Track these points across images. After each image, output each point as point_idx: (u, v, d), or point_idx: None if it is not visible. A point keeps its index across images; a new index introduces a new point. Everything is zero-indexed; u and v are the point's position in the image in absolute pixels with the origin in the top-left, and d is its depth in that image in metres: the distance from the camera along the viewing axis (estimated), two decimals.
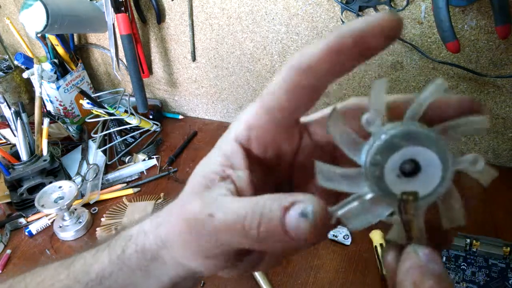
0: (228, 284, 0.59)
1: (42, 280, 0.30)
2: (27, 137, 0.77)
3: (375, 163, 0.19)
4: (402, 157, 0.19)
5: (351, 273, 0.59)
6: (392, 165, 0.19)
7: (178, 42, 0.89)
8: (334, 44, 0.19)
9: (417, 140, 0.19)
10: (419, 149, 0.19)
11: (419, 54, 0.67)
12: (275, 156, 0.24)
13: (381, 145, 0.19)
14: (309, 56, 0.19)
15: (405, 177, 0.19)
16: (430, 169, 0.19)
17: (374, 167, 0.19)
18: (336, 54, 0.19)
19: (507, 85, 0.65)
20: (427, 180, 0.19)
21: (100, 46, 1.01)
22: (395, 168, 0.19)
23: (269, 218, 0.19)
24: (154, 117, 0.97)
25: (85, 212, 0.74)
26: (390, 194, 0.19)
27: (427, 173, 0.19)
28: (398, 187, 0.19)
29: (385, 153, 0.19)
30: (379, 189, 0.19)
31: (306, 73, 0.20)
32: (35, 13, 0.75)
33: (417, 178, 0.19)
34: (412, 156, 0.19)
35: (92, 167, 0.84)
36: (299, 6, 0.72)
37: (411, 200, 0.19)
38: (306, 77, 0.20)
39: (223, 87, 0.92)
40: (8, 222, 0.74)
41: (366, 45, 0.18)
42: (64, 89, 0.95)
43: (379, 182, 0.19)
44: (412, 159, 0.19)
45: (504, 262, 0.56)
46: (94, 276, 0.28)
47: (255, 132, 0.23)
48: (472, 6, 0.60)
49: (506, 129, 0.70)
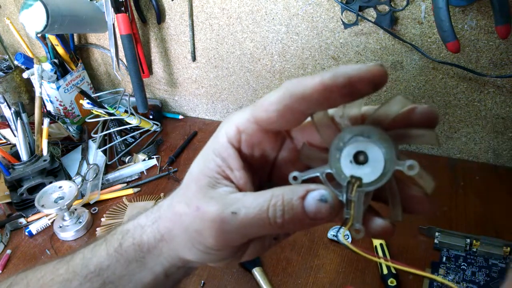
0: (228, 284, 0.59)
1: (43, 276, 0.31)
2: (27, 137, 0.77)
3: (337, 148, 0.24)
4: (356, 148, 0.24)
5: (351, 273, 0.59)
6: (348, 152, 0.24)
7: (178, 42, 0.89)
8: (327, 82, 0.22)
9: (370, 137, 0.24)
10: (370, 145, 0.24)
11: (419, 54, 0.67)
12: (260, 156, 0.28)
13: (344, 135, 0.24)
14: (305, 86, 0.23)
15: (356, 164, 0.24)
16: (375, 163, 0.24)
17: (336, 150, 0.24)
18: (327, 90, 0.22)
19: (507, 85, 0.65)
20: (371, 172, 0.24)
21: (100, 46, 1.01)
22: (350, 154, 0.24)
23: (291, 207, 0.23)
24: (154, 117, 0.97)
25: (85, 212, 0.74)
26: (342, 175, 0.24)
27: (372, 165, 0.24)
28: (349, 171, 0.24)
29: (344, 142, 0.24)
30: (335, 169, 0.25)
31: (299, 100, 0.23)
32: (35, 13, 0.75)
33: (364, 168, 0.24)
34: (364, 149, 0.24)
35: (92, 167, 0.84)
36: (299, 6, 0.72)
37: (354, 183, 0.24)
38: (298, 104, 0.23)
39: (223, 87, 0.92)
40: (8, 222, 0.74)
41: (354, 88, 0.22)
42: (64, 89, 0.96)
43: (337, 163, 0.25)
44: (363, 151, 0.24)
45: (504, 262, 0.56)
46: (93, 268, 0.29)
47: (244, 135, 0.26)
48: (472, 6, 0.60)
49: (506, 129, 0.70)
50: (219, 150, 0.26)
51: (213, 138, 0.27)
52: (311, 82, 0.22)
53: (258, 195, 0.24)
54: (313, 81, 0.22)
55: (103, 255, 0.30)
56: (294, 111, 0.24)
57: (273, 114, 0.24)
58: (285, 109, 0.24)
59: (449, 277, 0.55)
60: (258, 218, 0.24)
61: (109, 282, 0.29)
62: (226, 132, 0.26)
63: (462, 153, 0.76)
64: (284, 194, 0.24)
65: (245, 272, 0.60)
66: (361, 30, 0.69)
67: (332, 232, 0.63)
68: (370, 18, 0.67)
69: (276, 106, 0.24)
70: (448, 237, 0.59)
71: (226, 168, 0.26)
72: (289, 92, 0.23)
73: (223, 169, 0.26)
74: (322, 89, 0.22)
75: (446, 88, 0.70)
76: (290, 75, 0.82)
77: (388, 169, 0.23)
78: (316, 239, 0.64)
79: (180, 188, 0.28)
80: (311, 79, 0.22)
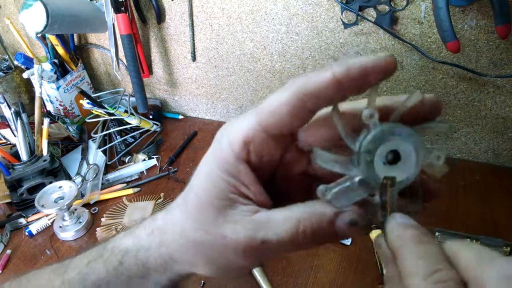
0: (228, 284, 0.59)
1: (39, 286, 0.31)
2: (27, 137, 0.77)
3: (368, 151, 0.23)
4: (388, 148, 0.23)
5: (351, 273, 0.59)
6: (380, 153, 0.23)
7: (178, 42, 0.89)
8: (340, 75, 0.21)
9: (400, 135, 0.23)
10: (401, 143, 0.23)
11: (419, 54, 0.67)
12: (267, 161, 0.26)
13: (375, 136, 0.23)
14: (316, 83, 0.21)
15: (388, 164, 0.24)
16: (407, 159, 0.23)
17: (366, 153, 0.23)
18: (340, 84, 0.21)
19: (507, 85, 0.65)
20: (404, 169, 0.24)
21: (100, 46, 1.01)
22: (382, 156, 0.23)
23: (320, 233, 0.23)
24: (154, 117, 0.97)
25: (85, 212, 0.74)
26: (375, 177, 0.23)
27: (405, 163, 0.24)
28: (382, 172, 0.23)
29: (376, 143, 0.23)
30: (368, 173, 0.23)
31: (312, 98, 0.22)
32: (35, 13, 0.75)
33: (397, 166, 0.24)
34: (395, 148, 0.23)
35: (92, 167, 0.84)
36: (299, 6, 0.72)
37: (389, 183, 0.23)
38: (311, 102, 0.22)
39: (223, 87, 0.92)
40: (8, 222, 0.74)
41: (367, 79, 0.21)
42: (64, 89, 0.95)
43: (369, 166, 0.23)
44: (396, 150, 0.23)
45: None
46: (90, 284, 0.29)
47: (253, 146, 0.24)
48: (472, 6, 0.60)
49: (506, 129, 0.70)
50: (227, 168, 0.24)
51: (216, 151, 0.24)
52: (323, 77, 0.21)
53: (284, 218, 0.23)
54: (324, 76, 0.21)
55: (101, 272, 0.29)
56: (308, 111, 0.22)
57: (285, 117, 0.22)
58: (298, 110, 0.22)
59: None
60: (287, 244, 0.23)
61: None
62: (231, 145, 0.24)
63: (462, 153, 0.76)
64: (313, 219, 0.23)
65: None
66: (361, 30, 0.69)
67: None
68: (370, 18, 0.67)
69: (287, 108, 0.22)
70: (448, 237, 0.59)
71: (239, 185, 0.24)
72: (300, 91, 0.22)
73: (236, 188, 0.24)
74: (335, 83, 0.21)
75: (446, 88, 0.70)
76: (290, 75, 0.82)
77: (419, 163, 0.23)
78: None
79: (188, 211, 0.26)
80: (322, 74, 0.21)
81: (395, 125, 0.23)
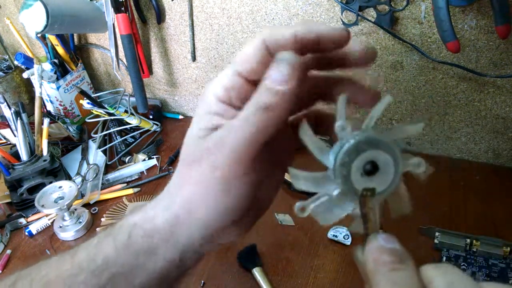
0: (228, 284, 0.59)
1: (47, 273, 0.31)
2: (27, 137, 0.77)
3: (343, 163, 0.23)
4: (365, 159, 0.23)
5: (351, 273, 0.59)
6: (357, 165, 0.23)
7: (178, 42, 0.89)
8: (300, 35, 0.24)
9: (377, 145, 0.23)
10: (378, 153, 0.23)
11: (419, 54, 0.67)
12: None
13: (349, 148, 0.22)
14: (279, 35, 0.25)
15: (366, 175, 0.23)
16: (386, 169, 0.23)
17: (342, 166, 0.23)
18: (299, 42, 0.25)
19: (507, 85, 0.65)
20: (383, 179, 0.23)
21: (100, 46, 1.01)
22: (359, 167, 0.23)
23: None
24: (154, 117, 0.97)
25: (85, 212, 0.74)
26: (353, 190, 0.23)
27: (384, 172, 0.23)
28: (360, 184, 0.23)
29: (352, 155, 0.23)
30: (345, 186, 0.23)
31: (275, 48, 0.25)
32: (35, 13, 0.75)
33: (375, 177, 0.23)
34: (373, 158, 0.23)
35: (92, 167, 0.84)
36: (299, 6, 0.72)
37: (369, 195, 0.23)
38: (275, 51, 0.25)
39: None
40: (8, 222, 0.74)
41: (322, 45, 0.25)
42: (64, 89, 0.95)
43: (345, 179, 0.23)
44: (372, 161, 0.23)
45: (504, 262, 0.56)
46: (100, 262, 0.29)
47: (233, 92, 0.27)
48: (472, 6, 0.60)
49: (506, 129, 0.70)
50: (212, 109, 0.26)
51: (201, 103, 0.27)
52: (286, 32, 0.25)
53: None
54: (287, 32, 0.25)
55: (110, 249, 0.29)
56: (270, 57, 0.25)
57: (255, 64, 0.25)
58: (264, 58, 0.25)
59: None
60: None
61: (118, 274, 0.28)
62: (214, 93, 0.27)
63: (462, 153, 0.76)
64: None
65: (245, 272, 0.60)
66: (361, 30, 0.69)
67: (332, 232, 0.63)
68: (370, 18, 0.67)
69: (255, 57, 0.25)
70: (448, 237, 0.59)
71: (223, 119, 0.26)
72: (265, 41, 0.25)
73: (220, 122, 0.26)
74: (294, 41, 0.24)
75: (446, 88, 0.70)
76: None
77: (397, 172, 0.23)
78: (316, 239, 0.64)
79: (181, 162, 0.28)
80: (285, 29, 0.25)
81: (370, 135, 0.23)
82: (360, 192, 0.23)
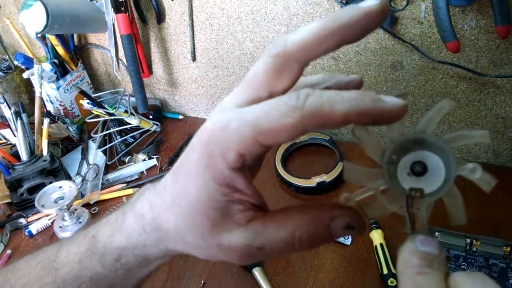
0: (228, 284, 0.59)
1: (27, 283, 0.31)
2: (27, 137, 0.77)
3: (391, 162, 0.23)
4: (412, 159, 0.22)
5: (351, 273, 0.59)
6: (404, 164, 0.23)
7: (178, 42, 0.89)
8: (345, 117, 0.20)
9: (426, 146, 0.22)
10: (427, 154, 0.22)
11: (419, 54, 0.67)
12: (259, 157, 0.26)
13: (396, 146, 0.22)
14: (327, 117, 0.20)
15: (414, 176, 0.23)
16: (435, 171, 0.22)
17: (389, 164, 0.23)
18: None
19: (507, 85, 0.65)
20: (432, 181, 0.22)
21: (100, 46, 1.01)
22: (406, 167, 0.23)
23: (317, 238, 0.23)
24: (154, 117, 0.97)
25: (85, 212, 0.74)
26: (400, 189, 0.23)
27: (433, 174, 0.22)
28: (407, 183, 0.23)
29: (399, 154, 0.22)
30: (391, 184, 0.23)
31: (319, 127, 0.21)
32: (35, 13, 0.75)
33: (424, 178, 0.22)
34: (421, 159, 0.22)
35: (92, 167, 0.84)
36: (299, 6, 0.72)
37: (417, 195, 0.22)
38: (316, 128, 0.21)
39: (223, 87, 0.92)
40: (8, 222, 0.74)
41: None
42: (64, 89, 0.95)
43: (392, 177, 0.23)
44: (421, 161, 0.22)
45: (504, 262, 0.56)
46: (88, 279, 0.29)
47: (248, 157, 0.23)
48: (472, 6, 0.60)
49: (506, 129, 0.70)
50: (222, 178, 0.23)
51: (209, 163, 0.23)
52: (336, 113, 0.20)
53: (279, 226, 0.24)
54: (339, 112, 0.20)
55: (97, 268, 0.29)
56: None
57: (286, 138, 0.21)
58: (300, 134, 0.21)
59: None
60: (283, 249, 0.24)
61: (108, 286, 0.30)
62: (224, 157, 0.22)
63: (462, 153, 0.76)
64: (309, 225, 0.23)
65: (245, 272, 0.60)
66: None
67: None
68: None
69: (289, 133, 0.21)
70: (448, 237, 0.59)
71: (234, 193, 0.24)
72: (309, 121, 0.20)
73: (232, 195, 0.24)
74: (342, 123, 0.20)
75: (446, 88, 0.70)
76: None
77: (449, 176, 0.22)
78: None
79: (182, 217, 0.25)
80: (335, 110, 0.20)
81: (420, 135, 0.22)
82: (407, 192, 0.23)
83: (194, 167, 0.24)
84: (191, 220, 0.25)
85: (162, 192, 0.27)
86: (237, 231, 0.24)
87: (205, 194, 0.24)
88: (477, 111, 0.70)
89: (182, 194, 0.25)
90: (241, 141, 0.22)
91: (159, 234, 0.27)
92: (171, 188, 0.26)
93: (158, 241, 0.27)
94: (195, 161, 0.24)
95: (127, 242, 0.28)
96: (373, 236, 0.61)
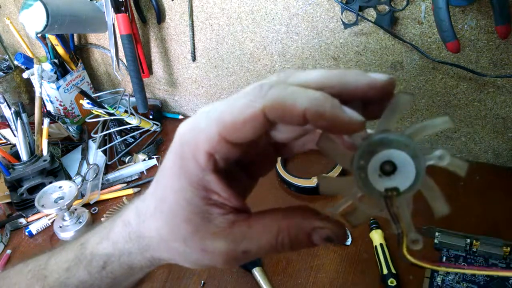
0: (228, 284, 0.59)
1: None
2: (27, 137, 0.77)
3: (360, 167, 0.23)
4: (380, 160, 0.23)
5: (351, 273, 0.59)
6: (373, 167, 0.23)
7: (178, 42, 0.89)
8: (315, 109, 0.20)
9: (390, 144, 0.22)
10: (393, 152, 0.22)
11: (419, 54, 0.67)
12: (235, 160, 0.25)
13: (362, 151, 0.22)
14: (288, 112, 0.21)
15: (385, 176, 0.23)
16: (405, 167, 0.23)
17: (359, 170, 0.23)
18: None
19: (507, 85, 0.65)
20: (404, 177, 0.23)
21: (100, 46, 1.01)
22: (376, 169, 0.23)
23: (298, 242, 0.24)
24: (154, 117, 0.97)
25: (85, 212, 0.74)
26: (376, 192, 0.23)
27: (403, 171, 0.23)
28: (381, 185, 0.23)
29: (366, 158, 0.22)
30: (366, 189, 0.23)
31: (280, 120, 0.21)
32: (35, 13, 0.75)
33: (396, 176, 0.23)
34: (389, 158, 0.22)
35: (92, 167, 0.84)
36: (299, 6, 0.72)
37: (393, 194, 0.22)
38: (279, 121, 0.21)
39: (223, 87, 0.92)
40: (8, 222, 0.74)
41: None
42: (64, 89, 0.96)
43: (365, 182, 0.23)
44: (389, 160, 0.23)
45: (504, 262, 0.56)
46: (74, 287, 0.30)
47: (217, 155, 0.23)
48: (472, 6, 0.60)
49: (506, 129, 0.70)
50: (197, 181, 0.23)
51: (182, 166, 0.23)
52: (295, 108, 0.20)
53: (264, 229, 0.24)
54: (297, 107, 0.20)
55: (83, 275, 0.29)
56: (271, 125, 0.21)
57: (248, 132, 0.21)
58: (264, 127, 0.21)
59: (449, 276, 0.55)
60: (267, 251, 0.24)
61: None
62: (195, 158, 0.23)
63: (462, 153, 0.76)
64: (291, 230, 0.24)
65: (245, 272, 0.60)
66: (361, 30, 0.69)
67: None
68: (370, 18, 0.67)
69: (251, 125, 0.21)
70: (448, 237, 0.59)
71: (212, 195, 0.24)
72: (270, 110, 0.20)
73: (210, 198, 0.24)
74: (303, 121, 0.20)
75: (446, 88, 0.70)
76: None
77: (419, 168, 0.22)
78: None
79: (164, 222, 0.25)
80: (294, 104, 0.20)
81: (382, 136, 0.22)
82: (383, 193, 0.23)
83: (169, 170, 0.24)
84: (173, 225, 0.25)
85: (146, 198, 0.27)
86: (221, 235, 0.24)
87: (183, 198, 0.24)
88: (477, 111, 0.70)
89: (162, 199, 0.25)
90: (208, 139, 0.22)
91: (143, 242, 0.27)
92: (153, 194, 0.26)
93: (142, 249, 0.27)
94: (170, 165, 0.24)
95: (114, 249, 0.28)
96: (373, 236, 0.61)
